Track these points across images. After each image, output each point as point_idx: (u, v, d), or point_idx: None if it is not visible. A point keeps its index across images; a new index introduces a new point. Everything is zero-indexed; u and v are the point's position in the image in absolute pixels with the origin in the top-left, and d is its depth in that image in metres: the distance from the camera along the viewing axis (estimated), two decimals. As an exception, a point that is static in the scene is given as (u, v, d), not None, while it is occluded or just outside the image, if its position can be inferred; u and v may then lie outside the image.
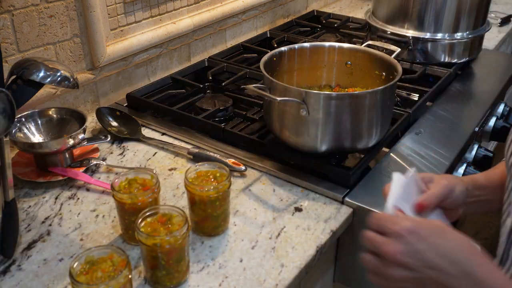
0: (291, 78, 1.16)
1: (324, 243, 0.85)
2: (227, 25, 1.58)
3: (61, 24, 1.11)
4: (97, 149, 1.08)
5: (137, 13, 1.28)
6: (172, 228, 0.74)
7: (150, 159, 1.06)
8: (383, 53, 1.10)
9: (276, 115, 1.00)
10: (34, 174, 0.98)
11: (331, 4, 2.11)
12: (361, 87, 1.15)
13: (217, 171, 0.86)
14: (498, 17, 1.88)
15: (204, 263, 0.81)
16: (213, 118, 1.18)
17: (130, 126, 1.16)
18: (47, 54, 1.11)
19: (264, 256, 0.82)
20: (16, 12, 1.02)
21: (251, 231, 0.88)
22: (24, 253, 0.82)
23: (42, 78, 0.82)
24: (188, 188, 0.83)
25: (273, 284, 0.77)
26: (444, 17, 1.38)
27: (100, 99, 1.25)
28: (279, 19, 1.82)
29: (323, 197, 0.95)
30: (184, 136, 1.13)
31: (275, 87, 0.97)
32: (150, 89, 1.30)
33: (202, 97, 1.27)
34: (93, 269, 0.68)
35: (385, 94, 0.97)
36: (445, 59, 1.43)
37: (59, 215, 0.91)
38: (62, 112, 1.06)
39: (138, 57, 1.31)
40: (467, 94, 1.35)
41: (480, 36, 1.46)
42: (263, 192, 0.97)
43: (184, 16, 1.41)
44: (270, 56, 1.07)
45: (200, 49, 1.51)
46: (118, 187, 0.83)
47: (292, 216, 0.91)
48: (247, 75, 1.37)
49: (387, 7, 1.46)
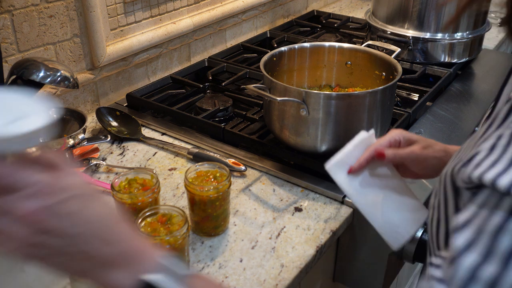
0: (291, 78, 1.16)
1: (324, 243, 0.85)
2: (227, 25, 1.58)
3: (61, 24, 1.11)
4: (97, 149, 1.08)
5: (137, 13, 1.28)
6: (172, 228, 0.74)
7: (150, 159, 1.06)
8: (383, 53, 1.10)
9: (276, 115, 1.00)
10: (34, 174, 0.98)
11: (331, 4, 2.11)
12: (361, 87, 1.15)
13: (217, 171, 0.86)
14: (498, 17, 1.87)
15: (204, 263, 0.81)
16: (213, 118, 1.18)
17: (130, 126, 1.16)
18: (47, 54, 1.11)
19: (264, 256, 0.82)
20: (16, 12, 1.02)
21: (251, 231, 0.88)
22: (24, 253, 0.82)
23: (42, 78, 0.82)
24: (188, 188, 0.83)
25: (273, 284, 0.77)
26: (444, 17, 1.38)
27: (100, 99, 1.25)
28: (279, 19, 1.82)
29: (323, 197, 0.95)
30: (184, 136, 1.13)
31: (275, 87, 0.97)
32: (150, 89, 1.30)
33: (202, 97, 1.27)
34: None
35: (385, 94, 0.97)
36: (445, 59, 1.43)
37: (59, 215, 0.91)
38: (62, 112, 1.06)
39: (138, 57, 1.31)
40: (467, 94, 1.35)
41: (480, 36, 1.46)
42: (263, 192, 0.97)
43: (184, 16, 1.41)
44: (270, 56, 1.07)
45: (200, 49, 1.51)
46: (118, 187, 0.83)
47: (292, 216, 0.91)
48: (247, 75, 1.37)
49: (387, 7, 1.46)
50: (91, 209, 0.50)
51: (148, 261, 0.51)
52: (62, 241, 0.48)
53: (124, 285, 0.49)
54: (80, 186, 0.50)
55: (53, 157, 0.51)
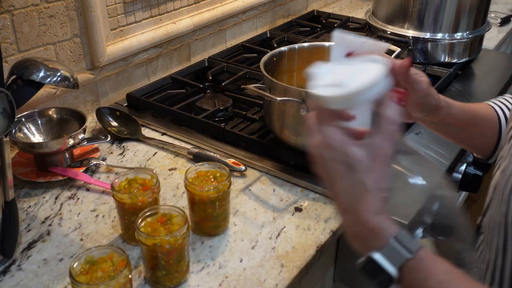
0: (291, 78, 1.16)
1: (324, 243, 0.85)
2: (227, 25, 1.58)
3: (61, 24, 1.11)
4: (97, 149, 1.08)
5: (137, 13, 1.28)
6: (172, 228, 0.74)
7: (150, 159, 1.06)
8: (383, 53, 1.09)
9: (276, 115, 1.00)
10: (34, 174, 0.98)
11: (331, 4, 2.11)
12: (361, 87, 1.14)
13: (217, 171, 0.86)
14: (498, 17, 1.88)
15: (204, 263, 0.81)
16: (213, 118, 1.18)
17: (130, 126, 1.16)
18: (47, 54, 1.11)
19: (264, 256, 0.82)
20: (16, 12, 1.02)
21: (251, 231, 0.88)
22: (24, 253, 0.82)
23: (42, 78, 0.82)
24: (188, 188, 0.83)
25: (273, 284, 0.77)
26: (444, 17, 1.38)
27: (100, 99, 1.25)
28: (279, 19, 1.82)
29: (323, 197, 0.95)
30: (184, 136, 1.13)
31: (275, 87, 0.97)
32: (150, 89, 1.30)
33: (202, 97, 1.27)
34: (93, 269, 0.68)
35: (385, 94, 0.96)
36: (445, 59, 1.43)
37: (59, 215, 0.91)
38: (62, 112, 1.06)
39: (138, 57, 1.31)
40: (467, 94, 1.35)
41: (480, 36, 1.46)
42: (263, 192, 0.97)
43: (184, 16, 1.41)
44: (270, 56, 1.07)
45: (200, 49, 1.51)
46: (118, 187, 0.83)
47: (292, 216, 0.91)
48: (247, 75, 1.37)
49: (387, 7, 1.46)
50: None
51: (380, 240, 0.55)
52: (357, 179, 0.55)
53: (360, 253, 0.57)
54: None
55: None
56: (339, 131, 0.57)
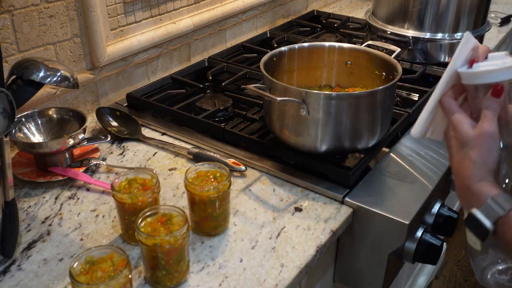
0: (291, 78, 1.16)
1: (324, 243, 0.85)
2: (227, 25, 1.58)
3: (61, 24, 1.11)
4: (97, 149, 1.08)
5: (137, 13, 1.28)
6: (172, 228, 0.74)
7: (150, 159, 1.06)
8: (383, 53, 1.10)
9: (276, 115, 1.00)
10: (34, 174, 0.98)
11: (331, 4, 2.11)
12: (361, 87, 1.15)
13: (217, 171, 0.86)
14: (498, 17, 1.88)
15: (204, 263, 0.81)
16: (213, 118, 1.18)
17: (130, 126, 1.16)
18: (47, 54, 1.11)
19: (264, 256, 0.82)
20: (16, 12, 1.02)
21: (251, 231, 0.88)
22: (24, 253, 0.82)
23: (42, 78, 0.82)
24: (188, 188, 0.83)
25: (273, 284, 0.77)
26: (444, 17, 1.38)
27: (100, 99, 1.25)
28: (279, 19, 1.82)
29: (323, 197, 0.95)
30: (184, 136, 1.13)
31: (275, 87, 0.97)
32: (150, 89, 1.30)
33: (202, 97, 1.27)
34: (93, 269, 0.68)
35: (385, 94, 0.97)
36: (445, 59, 1.43)
37: (59, 215, 0.91)
38: (62, 112, 1.06)
39: (138, 57, 1.31)
40: (467, 94, 1.35)
41: (480, 36, 1.46)
42: (263, 192, 0.97)
43: (184, 16, 1.41)
44: (270, 56, 1.07)
45: (200, 49, 1.51)
46: (118, 187, 0.83)
47: (292, 216, 0.91)
48: (247, 75, 1.37)
49: (387, 7, 1.46)
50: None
51: (480, 200, 0.66)
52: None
53: (465, 210, 0.69)
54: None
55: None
56: (462, 113, 0.71)
